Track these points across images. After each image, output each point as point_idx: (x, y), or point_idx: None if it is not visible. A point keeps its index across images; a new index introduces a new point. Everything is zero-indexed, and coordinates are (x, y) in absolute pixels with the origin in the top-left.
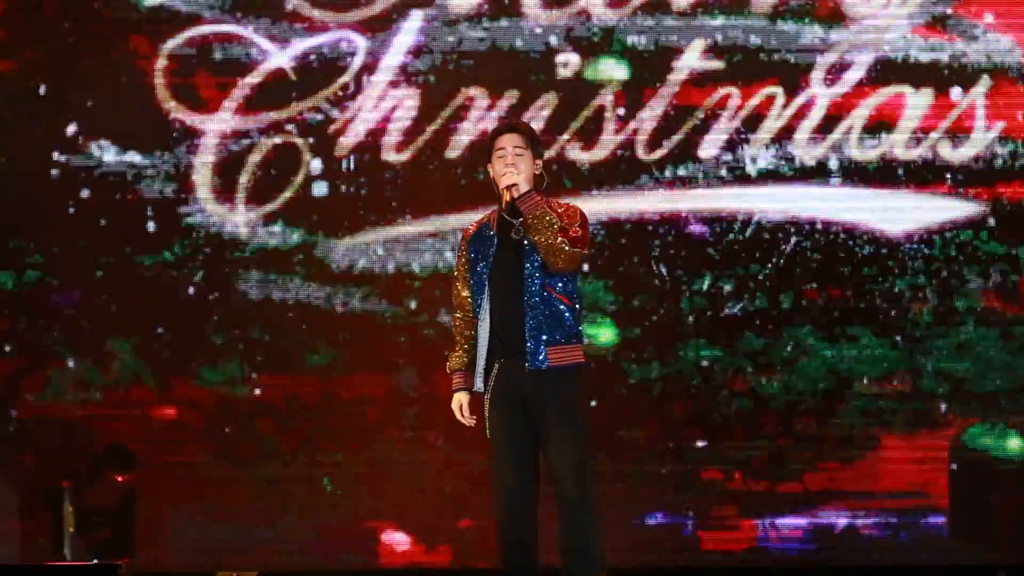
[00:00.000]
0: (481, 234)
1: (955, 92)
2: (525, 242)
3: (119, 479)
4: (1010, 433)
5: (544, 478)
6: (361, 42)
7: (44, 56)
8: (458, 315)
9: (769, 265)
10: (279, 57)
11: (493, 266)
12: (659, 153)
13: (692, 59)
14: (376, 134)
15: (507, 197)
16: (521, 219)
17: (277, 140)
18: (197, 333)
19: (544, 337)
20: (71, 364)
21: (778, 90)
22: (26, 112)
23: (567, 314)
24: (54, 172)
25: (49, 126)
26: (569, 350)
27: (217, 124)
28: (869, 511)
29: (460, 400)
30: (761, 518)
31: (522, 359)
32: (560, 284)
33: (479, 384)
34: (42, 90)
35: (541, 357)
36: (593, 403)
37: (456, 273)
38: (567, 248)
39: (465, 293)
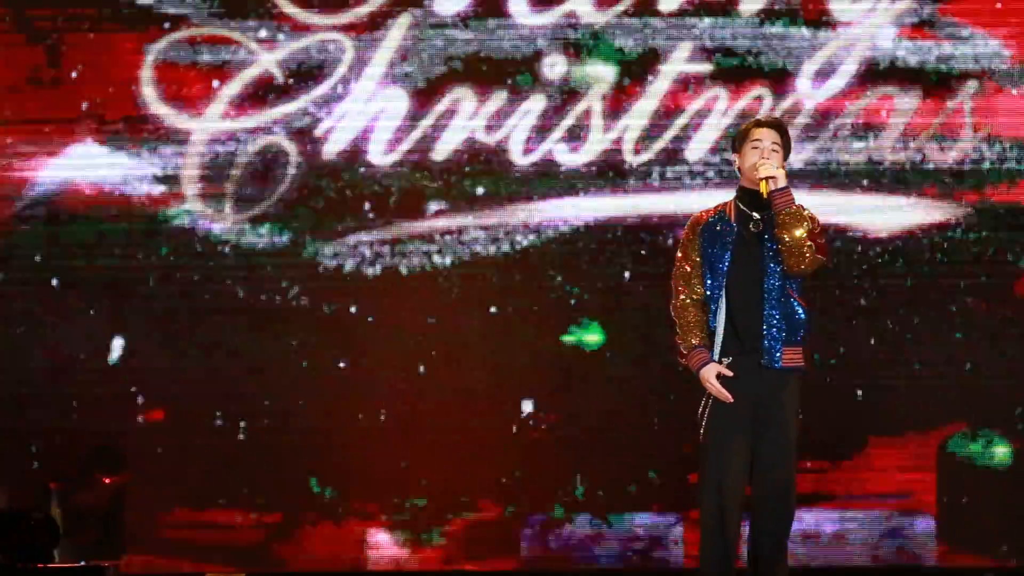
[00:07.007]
0: (717, 224)
1: (943, 94)
2: (765, 237)
3: (107, 481)
4: (997, 435)
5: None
6: (349, 44)
7: (31, 57)
8: (688, 302)
9: None
10: (267, 59)
11: (732, 258)
12: (646, 155)
13: (679, 61)
14: (363, 136)
15: (764, 189)
16: (763, 213)
17: (264, 142)
18: (185, 335)
19: (782, 336)
20: (61, 365)
21: (766, 92)
22: (14, 115)
23: (803, 316)
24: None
25: (35, 130)
26: (800, 352)
27: (204, 126)
28: (857, 513)
29: (716, 369)
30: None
31: (757, 356)
32: (797, 285)
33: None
34: (30, 91)
35: (777, 355)
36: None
37: (685, 260)
38: (811, 251)
39: (698, 281)
